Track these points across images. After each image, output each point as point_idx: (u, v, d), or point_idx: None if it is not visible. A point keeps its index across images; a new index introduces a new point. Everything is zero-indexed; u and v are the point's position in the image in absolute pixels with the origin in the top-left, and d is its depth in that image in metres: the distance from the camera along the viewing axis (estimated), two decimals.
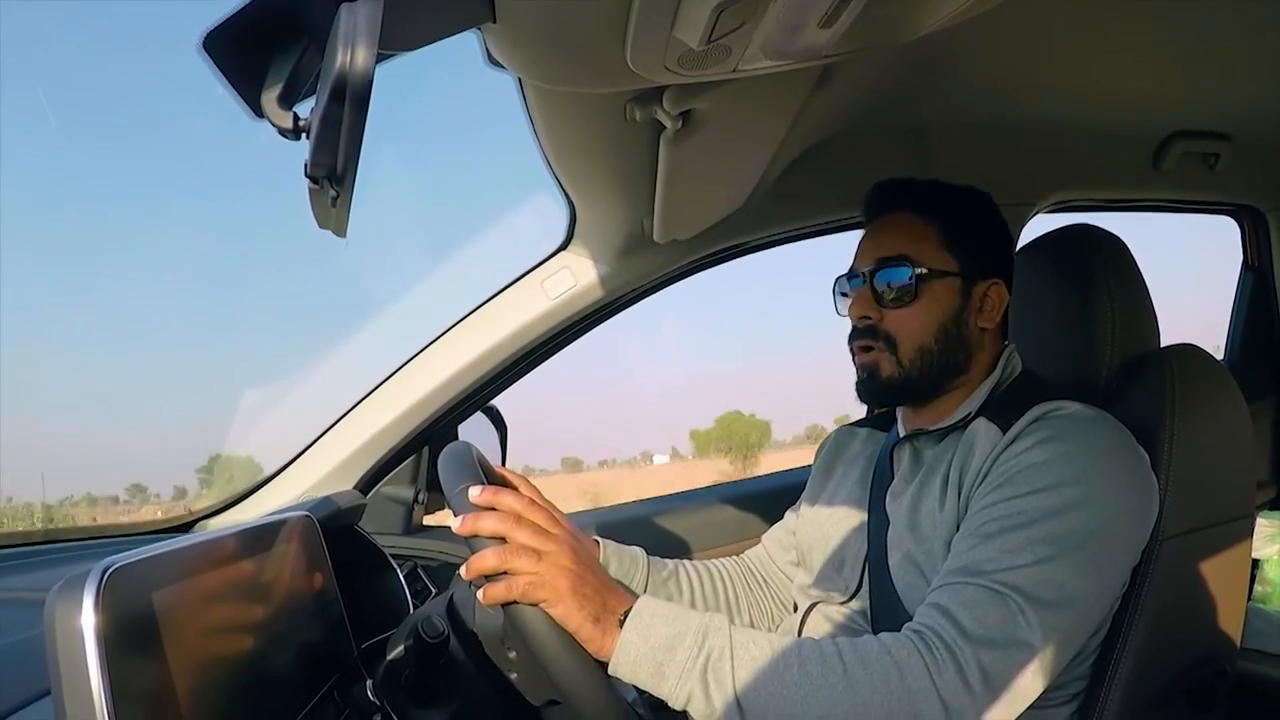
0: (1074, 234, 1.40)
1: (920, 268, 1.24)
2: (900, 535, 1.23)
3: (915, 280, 1.25)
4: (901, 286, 1.25)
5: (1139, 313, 1.35)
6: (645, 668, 0.94)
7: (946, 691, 0.95)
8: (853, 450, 1.51)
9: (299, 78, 0.73)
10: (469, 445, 1.14)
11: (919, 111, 1.67)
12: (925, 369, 1.26)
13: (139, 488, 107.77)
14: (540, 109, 1.14)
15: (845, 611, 1.29)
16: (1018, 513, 1.06)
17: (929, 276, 1.25)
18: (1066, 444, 1.10)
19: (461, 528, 0.96)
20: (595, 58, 0.87)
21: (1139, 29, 1.41)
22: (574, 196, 1.58)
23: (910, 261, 1.25)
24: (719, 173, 1.40)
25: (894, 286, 1.26)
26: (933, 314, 1.26)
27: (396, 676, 1.09)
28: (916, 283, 1.25)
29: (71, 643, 0.64)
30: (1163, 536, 1.17)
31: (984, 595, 1.01)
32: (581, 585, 0.95)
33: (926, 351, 1.26)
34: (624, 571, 1.36)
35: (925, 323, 1.26)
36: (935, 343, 1.26)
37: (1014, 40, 1.41)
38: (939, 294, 1.26)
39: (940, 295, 1.26)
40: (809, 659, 0.97)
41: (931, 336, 1.26)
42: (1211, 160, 1.97)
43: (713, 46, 0.82)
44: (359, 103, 0.62)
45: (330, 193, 0.74)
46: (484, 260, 2.14)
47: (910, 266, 1.25)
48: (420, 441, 1.91)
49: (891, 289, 1.26)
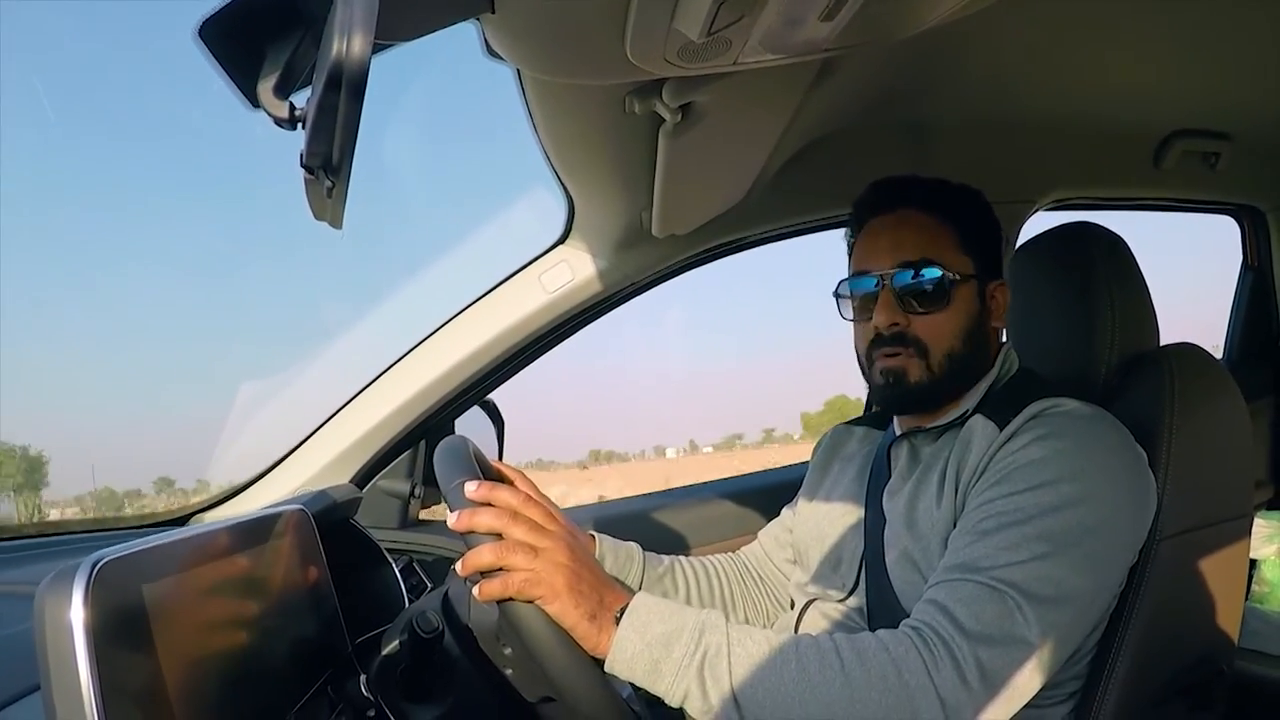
0: (1074, 232, 1.39)
1: (950, 271, 1.23)
2: (897, 533, 1.22)
3: (946, 284, 1.23)
4: (933, 291, 1.23)
5: (1138, 311, 1.34)
6: (641, 665, 0.94)
7: (944, 688, 0.94)
8: (849, 448, 1.50)
9: (295, 67, 0.73)
10: (465, 439, 1.13)
11: (919, 108, 1.66)
12: (952, 373, 1.25)
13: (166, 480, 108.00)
14: (539, 101, 1.13)
15: (842, 609, 1.29)
16: (1015, 509, 1.06)
17: (957, 281, 1.23)
18: (1064, 441, 1.10)
19: (457, 523, 0.95)
20: (594, 49, 0.87)
21: (1140, 27, 1.41)
22: (572, 190, 1.57)
23: (937, 264, 1.22)
24: (718, 167, 1.39)
25: (923, 291, 1.23)
26: (961, 318, 1.24)
27: (391, 672, 1.09)
28: (947, 287, 1.23)
29: (60, 637, 0.63)
30: (1160, 536, 1.17)
31: (981, 592, 1.00)
32: (578, 582, 0.94)
33: (955, 356, 1.24)
34: (619, 567, 1.35)
35: (955, 327, 1.24)
36: (963, 346, 1.24)
37: (1014, 37, 1.40)
38: (964, 297, 1.25)
39: (966, 299, 1.25)
40: (806, 656, 0.96)
41: (960, 341, 1.24)
42: (1212, 159, 1.97)
43: (713, 39, 0.81)
44: (355, 92, 0.61)
45: (326, 183, 0.74)
46: (482, 253, 2.13)
47: (940, 270, 1.22)
48: (417, 435, 1.91)
49: (920, 293, 1.23)
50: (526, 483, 1.16)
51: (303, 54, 0.73)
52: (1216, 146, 1.93)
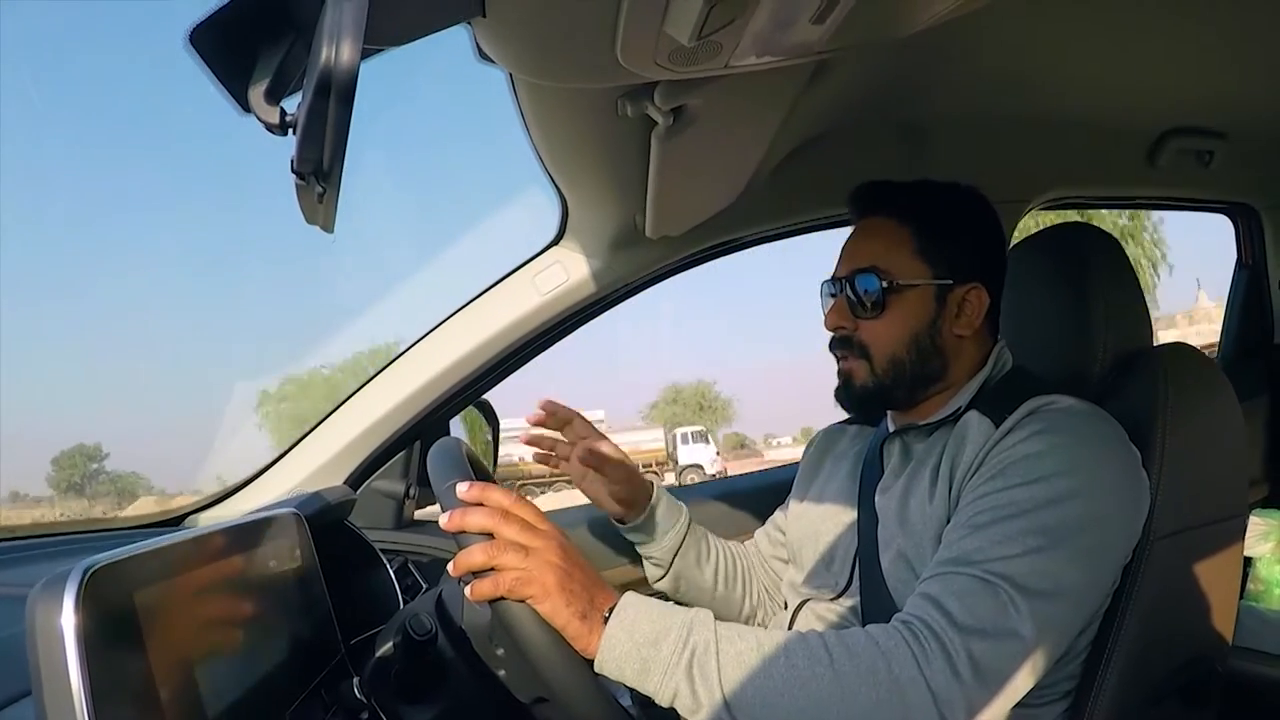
0: (1067, 231, 1.39)
1: (888, 279, 1.24)
2: (891, 531, 1.22)
3: (883, 292, 1.25)
4: (871, 298, 1.26)
5: (1131, 311, 1.34)
6: (631, 664, 0.94)
7: (935, 681, 0.94)
8: (841, 447, 1.51)
9: (286, 73, 0.73)
10: (459, 441, 1.14)
11: (912, 107, 1.67)
12: (898, 378, 1.27)
13: None
14: (531, 104, 1.14)
15: (835, 609, 1.29)
16: (1009, 503, 1.06)
17: (899, 288, 1.25)
18: (1060, 436, 1.10)
19: (449, 523, 0.95)
20: (585, 53, 0.87)
21: (1134, 26, 1.41)
22: (566, 192, 1.57)
23: (879, 272, 1.25)
24: (711, 168, 1.39)
25: (865, 297, 1.26)
26: (904, 325, 1.26)
27: (385, 673, 1.09)
28: (884, 294, 1.25)
29: (52, 643, 0.63)
30: (1154, 535, 1.17)
31: (974, 585, 1.00)
32: (569, 581, 0.94)
33: (899, 362, 1.26)
34: (668, 514, 1.51)
35: (896, 334, 1.26)
36: (907, 353, 1.26)
37: (1008, 37, 1.40)
38: (910, 304, 1.26)
39: (912, 305, 1.26)
40: (795, 652, 0.96)
41: (903, 347, 1.26)
42: (1206, 158, 1.98)
43: (703, 42, 0.82)
44: (344, 98, 0.61)
45: (318, 189, 0.74)
46: (475, 255, 2.14)
47: (878, 278, 1.25)
48: (412, 436, 1.90)
49: (863, 299, 1.26)
50: (585, 424, 1.46)
51: (293, 59, 0.73)
52: (1211, 145, 1.94)
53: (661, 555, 1.51)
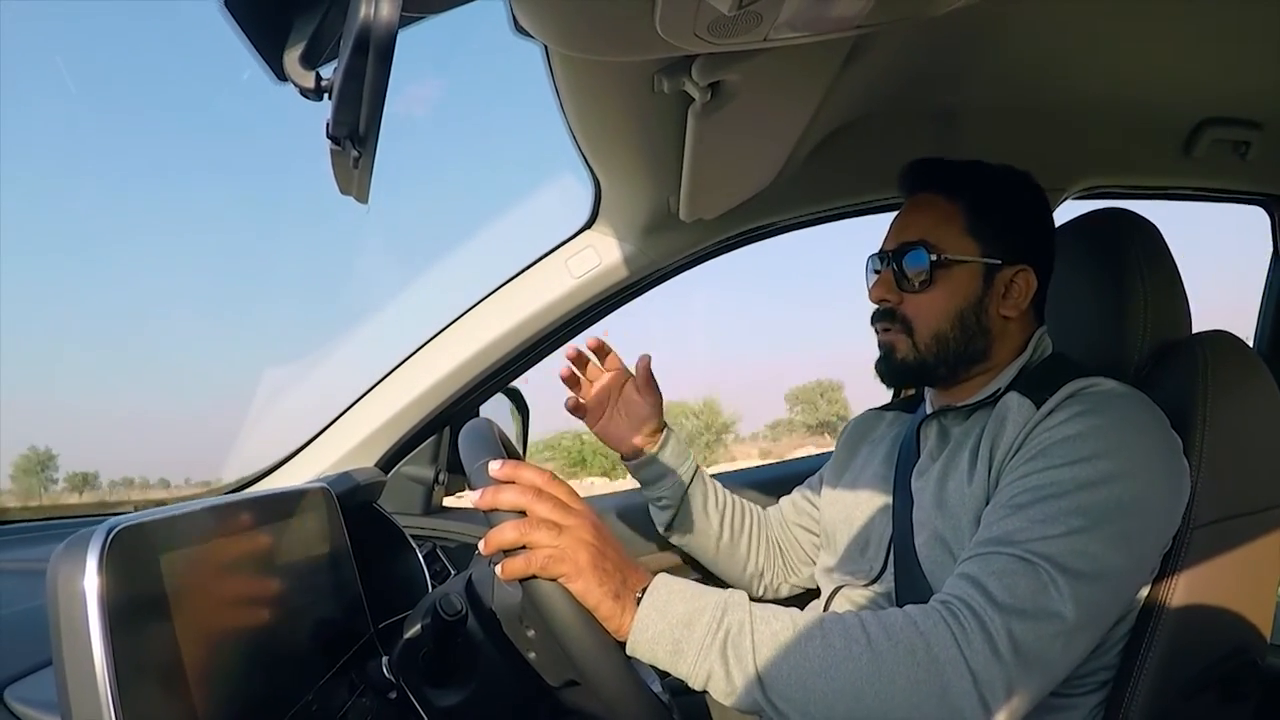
0: (1107, 218, 1.38)
1: (937, 253, 1.24)
2: (927, 513, 1.21)
3: (931, 266, 1.24)
4: (918, 272, 1.26)
5: (1171, 298, 1.32)
6: (663, 645, 0.92)
7: (975, 661, 0.92)
8: (878, 433, 1.50)
9: (322, 37, 0.72)
10: (490, 421, 1.13)
11: (948, 94, 1.64)
12: (941, 355, 1.26)
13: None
14: (567, 80, 1.12)
15: (869, 594, 1.28)
16: (1050, 484, 1.04)
17: (947, 263, 1.25)
18: (1102, 418, 1.09)
19: (481, 501, 0.94)
20: (623, 24, 0.85)
21: (1172, 13, 1.38)
22: (599, 173, 1.56)
23: (928, 246, 1.25)
24: (747, 149, 1.38)
25: (912, 271, 1.26)
26: (950, 301, 1.25)
27: (413, 655, 1.09)
28: (933, 269, 1.25)
29: (73, 606, 0.62)
30: (1194, 524, 1.15)
31: (1015, 565, 0.99)
32: (602, 560, 0.93)
33: (942, 338, 1.26)
34: (676, 455, 1.55)
35: (942, 309, 1.26)
36: (951, 329, 1.26)
37: (1045, 21, 1.38)
38: (958, 280, 1.25)
39: (959, 282, 1.25)
40: (832, 632, 0.95)
41: (948, 323, 1.26)
42: (1242, 149, 1.94)
43: (744, 12, 0.80)
44: (383, 55, 0.60)
45: (353, 154, 0.73)
46: (508, 238, 2.13)
47: (927, 252, 1.24)
48: (441, 421, 1.91)
49: (911, 273, 1.26)
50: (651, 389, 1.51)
51: (330, 24, 0.72)
52: (1247, 135, 1.90)
53: (670, 495, 1.54)
